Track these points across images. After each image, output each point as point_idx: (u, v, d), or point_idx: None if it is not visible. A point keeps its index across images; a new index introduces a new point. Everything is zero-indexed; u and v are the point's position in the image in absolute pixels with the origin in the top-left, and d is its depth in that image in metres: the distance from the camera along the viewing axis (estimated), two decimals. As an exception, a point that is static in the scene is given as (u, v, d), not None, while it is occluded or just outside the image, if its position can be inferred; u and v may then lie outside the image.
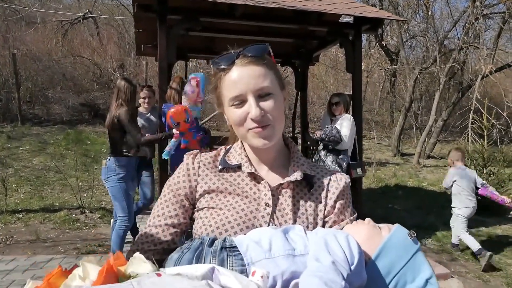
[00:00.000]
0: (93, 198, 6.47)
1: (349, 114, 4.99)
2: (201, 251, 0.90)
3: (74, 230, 5.42)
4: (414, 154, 11.93)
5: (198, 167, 1.12)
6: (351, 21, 5.23)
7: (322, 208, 1.09)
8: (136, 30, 5.87)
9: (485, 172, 7.10)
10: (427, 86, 15.07)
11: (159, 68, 4.53)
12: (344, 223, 1.08)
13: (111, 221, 4.66)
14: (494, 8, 11.74)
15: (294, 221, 1.04)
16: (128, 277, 0.73)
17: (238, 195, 1.07)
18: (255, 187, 1.08)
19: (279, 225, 1.02)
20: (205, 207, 1.07)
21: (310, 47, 6.45)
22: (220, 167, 1.12)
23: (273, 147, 1.10)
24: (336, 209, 1.10)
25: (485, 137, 7.53)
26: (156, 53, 4.91)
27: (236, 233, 0.99)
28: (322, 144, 4.89)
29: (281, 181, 1.07)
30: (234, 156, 1.14)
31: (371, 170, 9.81)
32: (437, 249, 5.33)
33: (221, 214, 1.03)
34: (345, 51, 5.27)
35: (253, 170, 1.08)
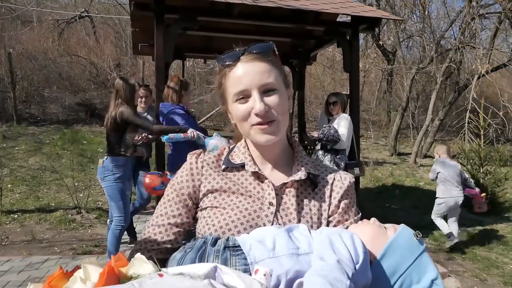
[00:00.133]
0: (90, 198, 6.43)
1: (347, 114, 4.99)
2: (204, 251, 0.89)
3: (70, 231, 5.39)
4: (411, 154, 11.98)
5: (202, 167, 1.11)
6: (349, 21, 5.22)
7: (326, 208, 1.08)
8: (133, 29, 5.84)
9: (482, 171, 7.13)
10: (424, 86, 15.13)
11: (156, 68, 4.52)
12: (349, 223, 1.07)
13: (108, 222, 4.64)
14: (490, 8, 11.83)
15: (298, 221, 1.03)
16: (130, 278, 0.73)
17: (242, 195, 1.06)
18: (259, 186, 1.07)
19: (283, 225, 1.01)
20: (209, 207, 1.06)
21: (308, 47, 6.45)
22: (224, 167, 1.11)
23: (277, 146, 1.09)
24: (341, 209, 1.09)
25: (482, 137, 7.56)
26: (153, 52, 4.90)
27: (240, 233, 0.98)
28: (320, 144, 4.88)
29: (285, 180, 1.06)
30: (238, 155, 1.13)
31: (368, 170, 9.81)
32: (434, 248, 5.34)
33: (225, 214, 1.02)
34: (343, 51, 5.27)
35: (257, 169, 1.07)
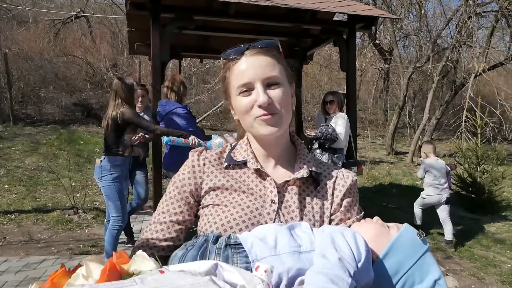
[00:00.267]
0: (87, 198, 6.41)
1: (343, 113, 4.99)
2: (206, 248, 0.89)
3: (67, 231, 5.36)
4: (408, 153, 12.01)
5: (204, 164, 1.11)
6: (345, 20, 5.21)
7: (329, 206, 1.08)
8: (129, 29, 5.82)
9: (479, 170, 7.13)
10: (421, 85, 15.16)
11: (153, 67, 4.49)
12: (351, 221, 1.07)
13: (105, 222, 4.63)
14: (487, 7, 11.85)
15: (301, 219, 1.03)
16: (131, 275, 0.73)
17: (244, 192, 1.05)
18: (261, 184, 1.07)
19: (285, 223, 1.01)
20: (210, 204, 1.06)
21: (304, 46, 6.43)
22: (226, 164, 1.11)
23: (280, 142, 1.09)
24: (343, 207, 1.09)
25: (479, 135, 7.56)
26: (149, 52, 4.88)
27: (241, 230, 0.98)
28: (318, 143, 4.87)
29: (287, 178, 1.06)
30: (240, 153, 1.12)
31: (365, 169, 9.83)
32: (432, 248, 5.34)
33: (226, 211, 1.02)
34: (339, 50, 5.26)
35: (259, 167, 1.07)
